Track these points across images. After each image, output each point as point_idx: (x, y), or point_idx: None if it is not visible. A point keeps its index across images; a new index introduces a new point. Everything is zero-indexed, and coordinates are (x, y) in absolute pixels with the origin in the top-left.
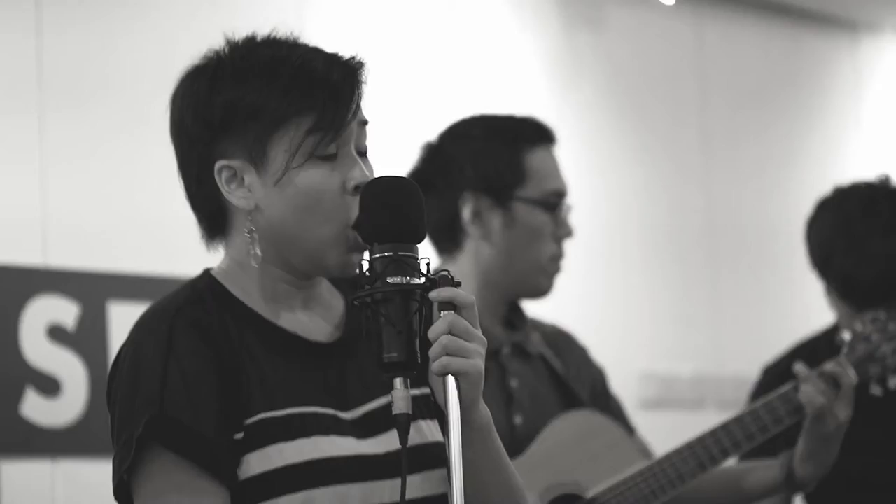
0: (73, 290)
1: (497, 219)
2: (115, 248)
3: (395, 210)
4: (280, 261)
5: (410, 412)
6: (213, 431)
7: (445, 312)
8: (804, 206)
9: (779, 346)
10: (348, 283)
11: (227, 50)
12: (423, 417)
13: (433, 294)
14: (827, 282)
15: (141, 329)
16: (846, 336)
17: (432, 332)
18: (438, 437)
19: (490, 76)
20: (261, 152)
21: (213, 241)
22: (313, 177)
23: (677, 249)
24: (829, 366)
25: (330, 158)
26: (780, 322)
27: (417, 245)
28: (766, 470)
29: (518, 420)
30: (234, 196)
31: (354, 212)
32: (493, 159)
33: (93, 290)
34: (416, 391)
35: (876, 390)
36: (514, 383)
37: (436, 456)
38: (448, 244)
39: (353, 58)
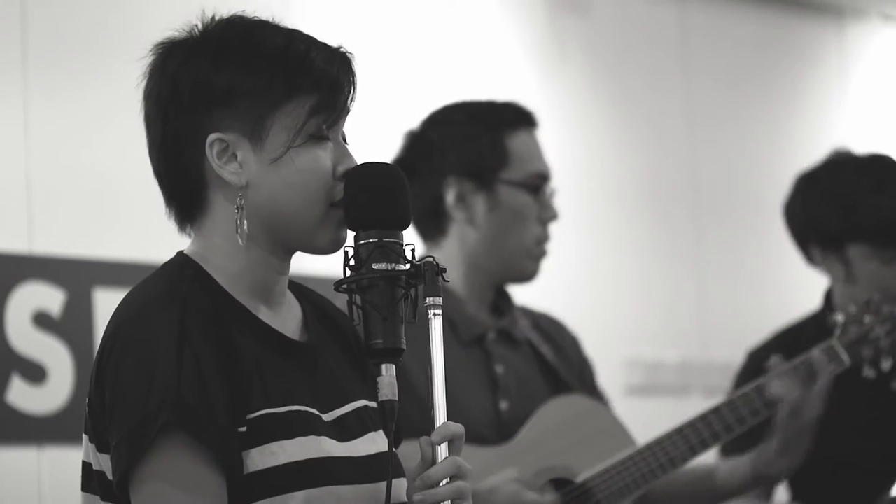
0: (58, 276)
1: (481, 202)
2: (101, 235)
3: (380, 196)
4: (267, 240)
5: (397, 398)
6: (225, 422)
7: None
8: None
9: (765, 332)
10: (301, 292)
11: (217, 27)
12: (377, 429)
13: (435, 438)
14: (852, 240)
15: (144, 314)
16: (839, 318)
17: (437, 473)
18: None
19: (475, 62)
20: (261, 128)
21: (186, 222)
22: (311, 157)
23: (663, 234)
24: (805, 358)
25: (324, 141)
26: (767, 309)
27: (402, 231)
28: (739, 466)
29: (504, 405)
30: (226, 171)
31: (339, 195)
32: (476, 143)
33: (78, 276)
34: (371, 403)
35: (869, 372)
36: (499, 369)
37: (398, 466)
38: (433, 231)
39: (344, 49)
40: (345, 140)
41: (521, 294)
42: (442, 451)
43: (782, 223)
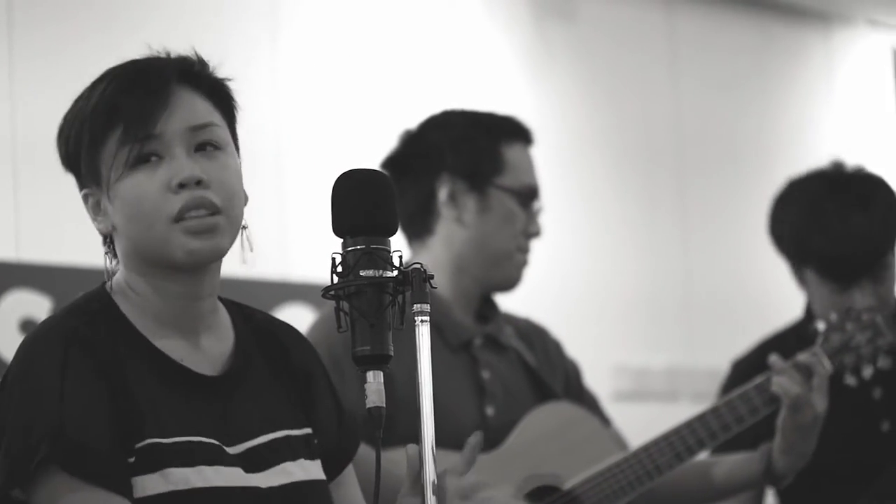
0: (45, 284)
1: (472, 203)
2: (88, 243)
3: (367, 203)
4: (149, 270)
5: (384, 405)
6: (110, 453)
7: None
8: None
9: (753, 338)
10: (244, 315)
11: None
12: (306, 457)
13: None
14: (806, 266)
15: (32, 348)
16: (821, 326)
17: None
18: (321, 475)
19: (463, 68)
20: (96, 173)
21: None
22: (132, 184)
23: (651, 242)
24: (802, 356)
25: (148, 163)
26: (755, 315)
27: (389, 238)
28: (745, 462)
29: (490, 411)
30: (96, 222)
31: (175, 207)
32: (473, 146)
33: (65, 284)
34: (297, 431)
35: (850, 380)
36: (485, 374)
37: (320, 493)
38: (421, 229)
39: (186, 59)
40: (212, 146)
41: (509, 302)
42: (429, 461)
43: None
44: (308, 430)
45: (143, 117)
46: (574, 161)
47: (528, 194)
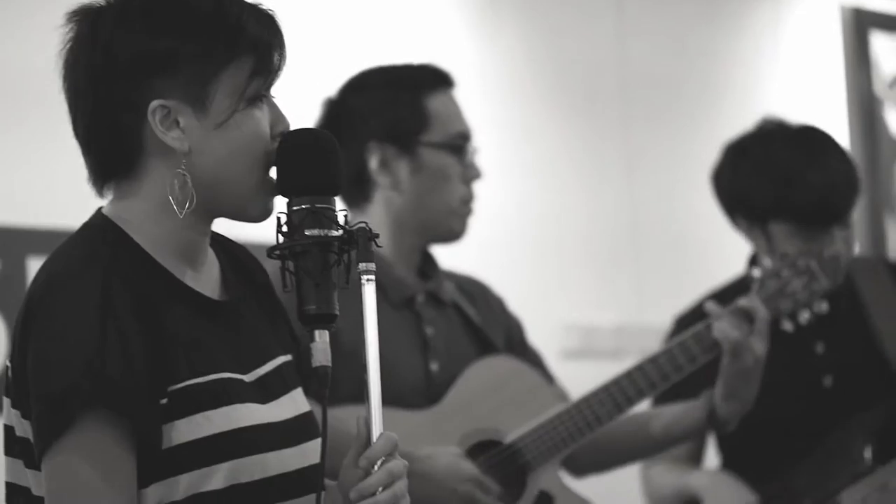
0: None
1: (404, 166)
2: (34, 204)
3: (312, 162)
4: (201, 207)
5: (330, 364)
6: (147, 395)
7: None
8: None
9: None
10: (217, 242)
11: None
12: (297, 385)
13: (373, 454)
14: (776, 220)
15: (67, 283)
16: (756, 273)
17: (376, 452)
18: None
19: (409, 28)
20: (203, 94)
21: (108, 182)
22: (253, 120)
23: (601, 200)
24: (742, 301)
25: (261, 102)
26: (704, 273)
27: (334, 197)
28: (687, 411)
29: (434, 367)
30: (169, 137)
31: (273, 156)
32: (395, 107)
33: (12, 246)
34: (287, 357)
35: (787, 326)
36: (429, 331)
37: (316, 423)
38: (357, 197)
39: (267, 8)
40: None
41: (458, 260)
42: (377, 427)
43: (716, 193)
44: (290, 357)
45: (280, 56)
46: (520, 115)
47: (459, 143)
